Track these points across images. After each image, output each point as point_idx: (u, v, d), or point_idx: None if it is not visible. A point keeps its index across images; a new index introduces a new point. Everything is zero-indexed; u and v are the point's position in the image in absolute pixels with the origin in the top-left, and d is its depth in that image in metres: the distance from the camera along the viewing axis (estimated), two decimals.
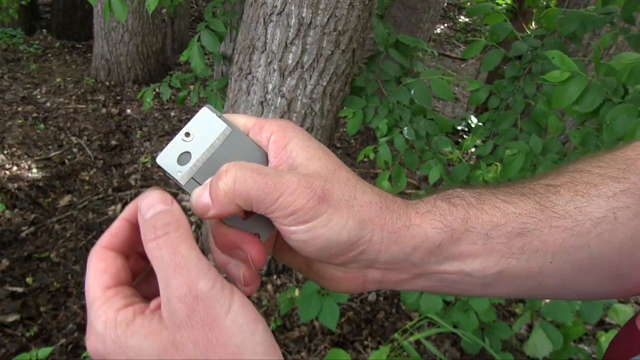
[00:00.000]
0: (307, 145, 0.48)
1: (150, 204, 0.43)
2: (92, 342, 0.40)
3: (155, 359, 0.38)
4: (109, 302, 0.41)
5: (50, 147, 3.71)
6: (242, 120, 0.50)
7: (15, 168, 3.39)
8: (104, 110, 4.30)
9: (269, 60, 1.91)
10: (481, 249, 0.49)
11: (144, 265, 0.50)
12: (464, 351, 2.32)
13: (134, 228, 0.45)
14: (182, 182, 0.47)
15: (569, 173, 0.53)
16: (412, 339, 2.02)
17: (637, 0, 1.85)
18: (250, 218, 0.48)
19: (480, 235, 0.48)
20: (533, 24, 5.26)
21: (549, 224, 0.49)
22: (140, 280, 0.50)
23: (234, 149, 0.48)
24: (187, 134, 0.47)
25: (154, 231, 0.41)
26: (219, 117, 0.48)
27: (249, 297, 0.42)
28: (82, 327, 2.31)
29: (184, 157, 0.47)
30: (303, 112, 2.02)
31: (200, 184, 0.47)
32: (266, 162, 0.49)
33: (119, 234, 0.45)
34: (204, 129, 0.48)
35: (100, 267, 0.43)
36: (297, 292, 2.17)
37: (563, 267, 0.50)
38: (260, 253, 0.47)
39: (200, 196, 0.46)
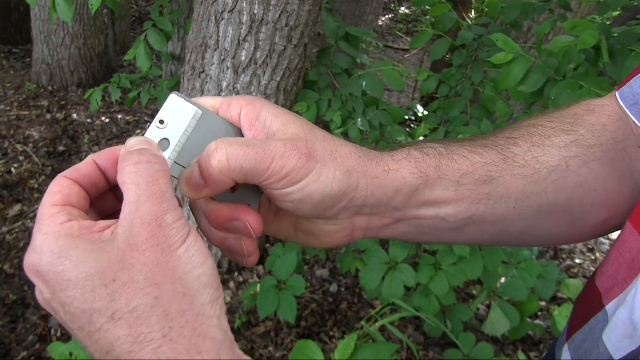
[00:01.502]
0: (279, 112, 0.50)
1: (139, 143, 0.44)
2: (29, 254, 0.40)
3: (94, 274, 0.37)
4: (53, 217, 0.41)
5: None
6: (209, 102, 0.52)
7: None
8: (48, 116, 4.18)
9: (222, 58, 1.91)
10: (453, 195, 0.53)
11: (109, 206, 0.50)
12: (427, 335, 2.38)
13: (99, 171, 0.46)
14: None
15: (525, 127, 0.58)
16: (377, 325, 2.06)
17: None
18: (238, 190, 0.50)
19: (452, 183, 0.52)
20: (473, 12, 5.38)
21: (511, 172, 0.54)
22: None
23: (208, 129, 0.50)
24: (162, 122, 0.48)
25: (137, 157, 0.42)
26: (188, 101, 0.49)
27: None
28: (43, 339, 2.26)
29: (162, 144, 0.48)
30: None
31: (184, 167, 0.48)
32: (241, 136, 0.51)
33: (82, 169, 0.46)
34: (176, 114, 0.49)
35: (54, 190, 0.43)
36: (259, 288, 2.18)
37: (524, 212, 0.55)
38: (258, 219, 0.49)
39: (191, 178, 0.47)
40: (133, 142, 0.44)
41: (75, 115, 4.25)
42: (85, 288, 0.37)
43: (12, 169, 3.44)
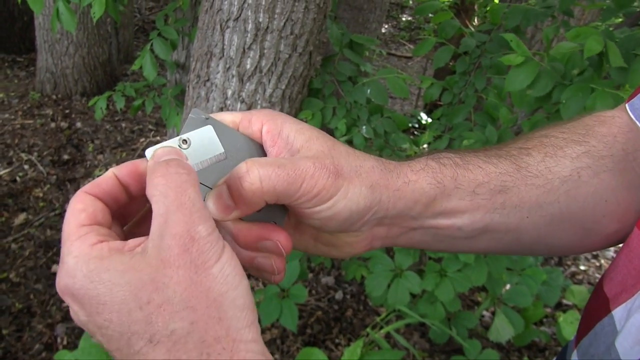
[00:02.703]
0: (301, 127, 0.50)
1: (168, 153, 0.43)
2: (62, 277, 0.39)
3: (129, 296, 0.36)
4: (82, 238, 0.40)
5: None
6: (229, 117, 0.51)
7: None
8: (52, 125, 4.20)
9: (227, 66, 1.92)
10: (469, 204, 0.54)
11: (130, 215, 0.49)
12: (432, 342, 2.38)
13: (120, 185, 0.45)
14: None
15: (537, 138, 0.59)
16: (382, 331, 2.06)
17: None
18: (264, 208, 0.49)
19: (468, 192, 0.53)
20: (475, 19, 5.40)
21: (525, 182, 0.55)
22: (130, 226, 0.50)
23: (230, 146, 0.49)
24: (184, 141, 0.47)
25: (165, 168, 0.41)
26: (208, 117, 0.49)
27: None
28: (49, 347, 2.26)
29: None
30: None
31: (207, 186, 0.47)
32: (263, 152, 0.51)
33: (102, 184, 0.44)
34: (198, 132, 0.48)
35: (78, 208, 0.42)
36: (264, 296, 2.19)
37: (537, 221, 0.56)
38: (287, 238, 0.49)
39: (220, 199, 0.46)
40: (160, 152, 0.43)
41: (79, 124, 4.27)
42: (121, 311, 0.36)
43: (17, 178, 3.45)
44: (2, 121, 4.19)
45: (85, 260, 0.38)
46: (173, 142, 0.46)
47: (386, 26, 8.82)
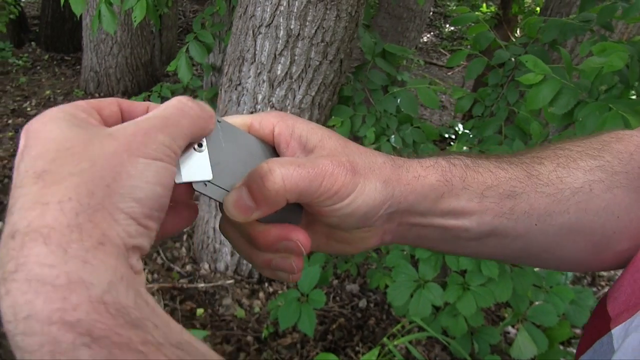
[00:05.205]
0: (312, 127, 0.51)
1: (190, 99, 0.43)
2: (36, 117, 0.38)
3: (61, 140, 0.35)
4: (77, 105, 0.39)
5: None
6: (239, 120, 0.52)
7: (6, 180, 3.39)
8: None
9: (259, 71, 1.95)
10: (477, 206, 0.53)
11: None
12: (453, 355, 2.35)
13: (119, 106, 0.44)
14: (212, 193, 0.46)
15: (552, 149, 0.59)
16: (397, 342, 2.06)
17: (612, 8, 1.90)
18: (281, 209, 0.48)
19: (476, 194, 0.53)
20: (518, 31, 5.33)
21: (535, 189, 0.54)
22: None
23: (242, 148, 0.49)
24: (200, 145, 0.45)
25: (179, 99, 0.42)
26: (219, 121, 0.48)
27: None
28: None
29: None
30: None
31: (223, 189, 0.47)
32: (275, 154, 0.51)
33: (137, 110, 0.45)
34: (211, 135, 0.46)
35: (106, 100, 0.42)
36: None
37: (547, 230, 0.55)
38: (306, 237, 0.49)
39: (240, 200, 0.46)
40: (182, 98, 0.44)
41: None
42: (47, 151, 0.35)
43: None
44: None
45: (62, 110, 0.38)
46: (190, 151, 0.45)
47: (428, 35, 8.79)
